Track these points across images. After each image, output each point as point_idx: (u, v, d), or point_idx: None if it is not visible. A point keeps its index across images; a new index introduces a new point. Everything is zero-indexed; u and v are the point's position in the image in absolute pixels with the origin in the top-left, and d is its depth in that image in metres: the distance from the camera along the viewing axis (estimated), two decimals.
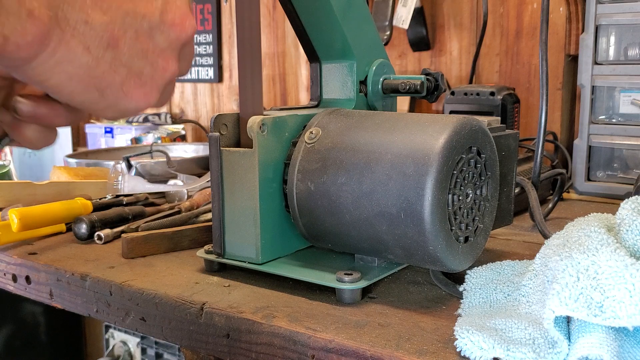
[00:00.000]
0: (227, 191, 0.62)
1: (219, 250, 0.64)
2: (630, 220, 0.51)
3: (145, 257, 0.72)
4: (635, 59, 0.98)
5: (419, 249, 0.54)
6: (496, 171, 0.61)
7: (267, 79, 1.59)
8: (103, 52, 0.38)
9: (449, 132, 0.54)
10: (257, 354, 0.54)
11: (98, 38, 0.37)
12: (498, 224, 0.67)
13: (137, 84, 0.40)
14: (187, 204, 0.87)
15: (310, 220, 0.60)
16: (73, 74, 0.38)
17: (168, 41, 0.41)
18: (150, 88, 0.41)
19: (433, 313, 0.55)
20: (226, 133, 0.62)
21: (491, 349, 0.44)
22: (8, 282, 0.75)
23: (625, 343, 0.43)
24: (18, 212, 0.75)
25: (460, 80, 1.29)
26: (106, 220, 0.81)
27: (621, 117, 1.01)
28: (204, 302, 0.57)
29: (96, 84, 0.39)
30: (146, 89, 0.41)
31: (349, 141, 0.58)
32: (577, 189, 1.04)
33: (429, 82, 0.74)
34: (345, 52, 0.71)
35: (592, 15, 0.99)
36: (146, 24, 0.39)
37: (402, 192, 0.53)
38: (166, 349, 1.46)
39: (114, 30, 0.38)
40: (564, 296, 0.43)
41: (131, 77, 0.40)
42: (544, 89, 0.84)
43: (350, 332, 0.51)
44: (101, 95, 0.39)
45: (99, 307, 0.66)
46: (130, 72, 0.40)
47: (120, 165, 1.02)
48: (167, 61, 0.41)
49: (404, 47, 1.34)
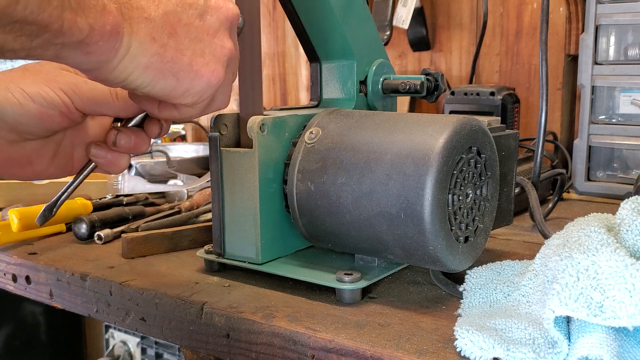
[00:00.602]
0: (227, 191, 0.62)
1: (219, 250, 0.64)
2: (630, 220, 0.51)
3: (145, 257, 0.72)
4: (635, 59, 0.98)
5: (419, 249, 0.54)
6: (496, 171, 0.61)
7: (267, 79, 1.59)
8: (167, 39, 0.44)
9: (449, 132, 0.54)
10: (257, 354, 0.54)
11: (159, 28, 0.44)
12: (498, 224, 0.67)
13: (202, 62, 0.47)
14: (187, 204, 0.87)
15: (310, 220, 0.60)
16: (148, 64, 0.44)
17: (218, 22, 0.47)
18: (215, 64, 0.47)
19: (433, 313, 0.55)
20: (226, 133, 0.62)
21: (491, 349, 0.44)
22: (8, 282, 0.75)
23: (625, 343, 0.43)
24: (18, 212, 0.75)
25: (460, 80, 1.29)
26: (106, 220, 0.81)
27: (621, 117, 1.01)
28: (204, 302, 0.57)
29: (169, 69, 0.45)
30: (212, 66, 0.47)
31: (349, 141, 0.58)
32: (577, 189, 1.04)
33: (429, 82, 0.74)
34: (345, 52, 0.71)
35: (592, 15, 0.99)
36: (194, 11, 0.46)
37: (402, 192, 0.53)
38: (166, 349, 1.46)
39: (169, 19, 0.44)
40: (564, 296, 0.43)
41: (196, 57, 0.46)
42: (544, 89, 0.84)
43: (350, 332, 0.51)
44: (177, 79, 0.46)
45: (99, 307, 0.66)
46: (194, 53, 0.46)
47: None
48: (222, 40, 0.48)
49: (404, 47, 1.34)
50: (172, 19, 0.44)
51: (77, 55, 0.40)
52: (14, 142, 0.52)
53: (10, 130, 0.51)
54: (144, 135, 0.55)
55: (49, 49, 0.39)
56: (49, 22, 0.37)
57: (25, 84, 0.50)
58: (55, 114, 0.51)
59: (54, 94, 0.51)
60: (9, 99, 0.49)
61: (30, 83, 0.50)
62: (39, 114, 0.50)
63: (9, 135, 0.51)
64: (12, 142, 0.52)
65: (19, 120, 0.50)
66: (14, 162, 0.53)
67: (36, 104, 0.50)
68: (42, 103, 0.50)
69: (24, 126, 0.51)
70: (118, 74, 0.43)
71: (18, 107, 0.50)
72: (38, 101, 0.50)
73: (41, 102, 0.50)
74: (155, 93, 0.46)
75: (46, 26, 0.37)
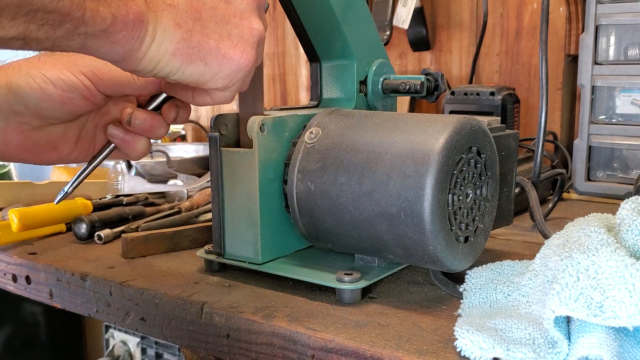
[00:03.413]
0: (227, 191, 0.62)
1: (219, 250, 0.64)
2: (630, 220, 0.51)
3: (145, 257, 0.72)
4: (635, 59, 0.98)
5: (419, 249, 0.54)
6: (496, 171, 0.61)
7: (267, 79, 1.59)
8: (192, 24, 0.44)
9: (449, 132, 0.54)
10: (257, 354, 0.54)
11: (183, 14, 0.43)
12: (498, 224, 0.67)
13: (230, 45, 0.46)
14: (187, 204, 0.87)
15: (310, 220, 0.60)
16: (175, 50, 0.44)
17: (244, 3, 0.47)
18: (244, 46, 0.47)
19: (433, 313, 0.55)
20: (226, 133, 0.62)
21: (491, 349, 0.44)
22: (8, 282, 0.75)
23: (625, 343, 0.43)
24: (18, 212, 0.75)
25: (460, 80, 1.29)
26: (106, 220, 0.81)
27: (621, 117, 1.01)
28: (204, 302, 0.57)
29: (197, 54, 0.45)
30: (241, 47, 0.47)
31: (349, 141, 0.58)
32: (577, 189, 1.04)
33: (429, 82, 0.74)
34: (345, 52, 0.71)
35: (592, 15, 0.99)
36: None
37: (402, 192, 0.53)
38: (166, 349, 1.46)
39: (193, 4, 0.44)
40: (564, 296, 0.43)
41: (223, 40, 0.46)
42: (544, 89, 0.84)
43: (350, 332, 0.51)
44: (205, 63, 0.45)
45: (99, 307, 0.66)
46: (220, 36, 0.46)
47: (120, 165, 1.02)
48: (249, 21, 0.47)
49: (404, 47, 1.34)
50: (196, 4, 0.44)
51: (103, 46, 0.40)
52: (38, 127, 0.53)
53: (34, 115, 0.51)
54: (160, 119, 0.55)
55: (73, 38, 0.39)
56: (70, 11, 0.37)
57: (45, 69, 0.51)
58: (76, 97, 0.52)
59: (74, 77, 0.51)
60: (30, 84, 0.50)
61: (50, 68, 0.51)
62: (61, 98, 0.51)
63: (33, 121, 0.52)
64: (37, 127, 0.53)
65: (42, 105, 0.51)
66: (39, 147, 0.54)
67: (57, 88, 0.51)
68: (63, 87, 0.51)
69: (46, 111, 0.51)
70: (147, 63, 0.43)
71: (40, 92, 0.50)
72: (59, 85, 0.51)
73: (62, 86, 0.51)
74: (185, 79, 0.46)
75: (67, 14, 0.37)
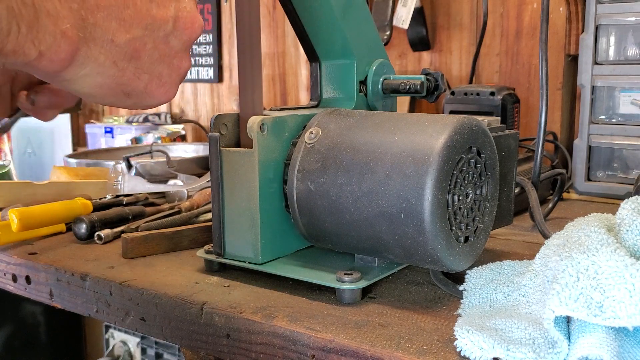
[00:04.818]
0: (227, 191, 0.62)
1: (219, 250, 0.64)
2: (630, 220, 0.51)
3: (145, 257, 0.72)
4: (635, 59, 0.98)
5: (419, 249, 0.54)
6: (496, 171, 0.61)
7: (267, 79, 1.59)
8: (127, 64, 0.43)
9: (449, 132, 0.54)
10: (257, 354, 0.54)
11: (122, 53, 0.42)
12: (498, 224, 0.67)
13: (158, 84, 0.46)
14: (187, 204, 0.87)
15: (310, 220, 0.60)
16: (102, 83, 0.43)
17: (181, 43, 0.46)
18: (170, 86, 0.46)
19: (433, 313, 0.55)
20: (226, 133, 0.62)
21: (491, 349, 0.44)
22: (8, 282, 0.75)
23: (625, 343, 0.43)
24: (18, 212, 0.74)
25: (460, 80, 1.29)
26: (106, 220, 0.81)
27: (621, 117, 1.01)
28: (204, 302, 0.57)
29: (123, 90, 0.44)
30: (166, 87, 0.46)
31: (349, 141, 0.58)
32: (577, 189, 1.04)
33: (429, 82, 0.74)
34: (345, 52, 0.71)
35: (592, 15, 0.99)
36: (162, 32, 0.44)
37: (402, 192, 0.53)
38: (166, 349, 1.46)
39: (136, 45, 0.43)
40: (564, 296, 0.43)
41: (153, 80, 0.45)
42: (544, 89, 0.84)
43: (350, 332, 0.51)
44: (127, 96, 0.45)
45: (99, 307, 0.66)
46: (151, 76, 0.45)
47: (120, 165, 1.02)
48: (181, 60, 0.47)
49: (404, 47, 1.34)
50: (138, 44, 0.43)
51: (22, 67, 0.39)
52: None
53: None
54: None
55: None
56: None
57: None
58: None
59: None
60: None
61: None
62: None
63: None
64: None
65: None
66: None
67: None
68: None
69: None
70: (67, 85, 0.42)
71: None
72: None
73: None
74: (102, 104, 0.47)
75: None
